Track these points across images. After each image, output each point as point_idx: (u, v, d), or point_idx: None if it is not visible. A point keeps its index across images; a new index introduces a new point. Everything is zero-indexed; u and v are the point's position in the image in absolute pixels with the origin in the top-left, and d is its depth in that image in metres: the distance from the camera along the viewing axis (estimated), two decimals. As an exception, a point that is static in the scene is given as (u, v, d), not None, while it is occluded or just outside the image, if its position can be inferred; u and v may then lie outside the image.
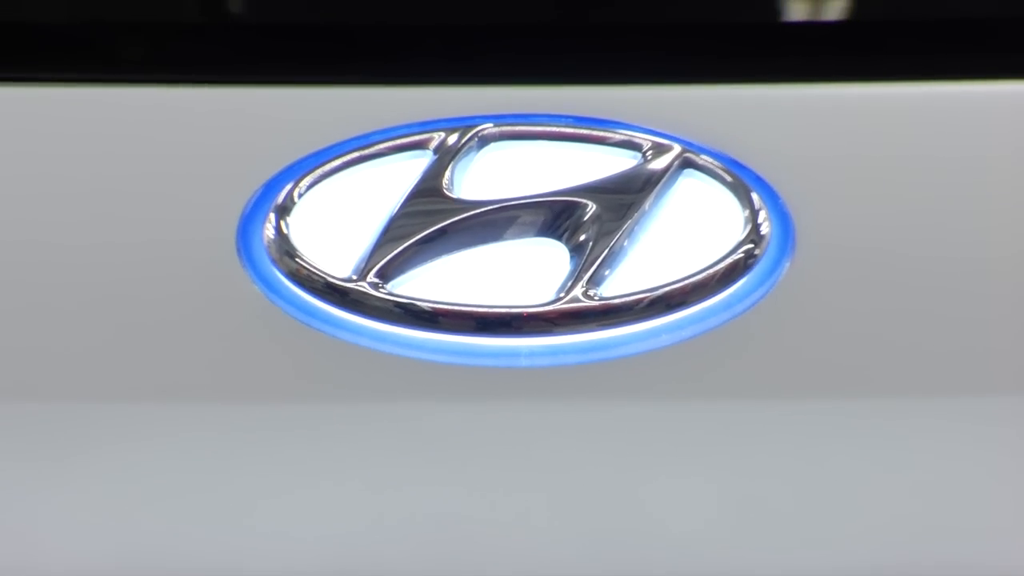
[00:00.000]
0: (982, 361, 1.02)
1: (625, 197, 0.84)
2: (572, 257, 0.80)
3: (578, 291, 0.77)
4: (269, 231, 0.82)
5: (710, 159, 0.84)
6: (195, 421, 0.82)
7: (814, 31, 1.28)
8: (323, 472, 0.81)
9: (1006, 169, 1.00)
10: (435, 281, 0.79)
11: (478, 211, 0.83)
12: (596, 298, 0.77)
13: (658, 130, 0.88)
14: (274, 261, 0.80)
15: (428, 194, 0.84)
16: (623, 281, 0.78)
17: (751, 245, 0.80)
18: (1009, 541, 0.96)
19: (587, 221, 0.83)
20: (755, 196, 0.83)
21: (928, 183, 0.93)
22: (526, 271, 0.80)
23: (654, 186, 0.83)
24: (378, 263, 0.79)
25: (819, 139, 0.93)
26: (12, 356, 0.89)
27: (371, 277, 0.79)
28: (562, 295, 0.77)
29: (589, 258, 0.80)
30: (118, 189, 0.93)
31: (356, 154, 0.85)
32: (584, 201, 0.83)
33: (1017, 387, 0.96)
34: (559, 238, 0.82)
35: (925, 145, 0.95)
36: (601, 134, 0.87)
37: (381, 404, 0.83)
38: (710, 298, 0.78)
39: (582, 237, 0.82)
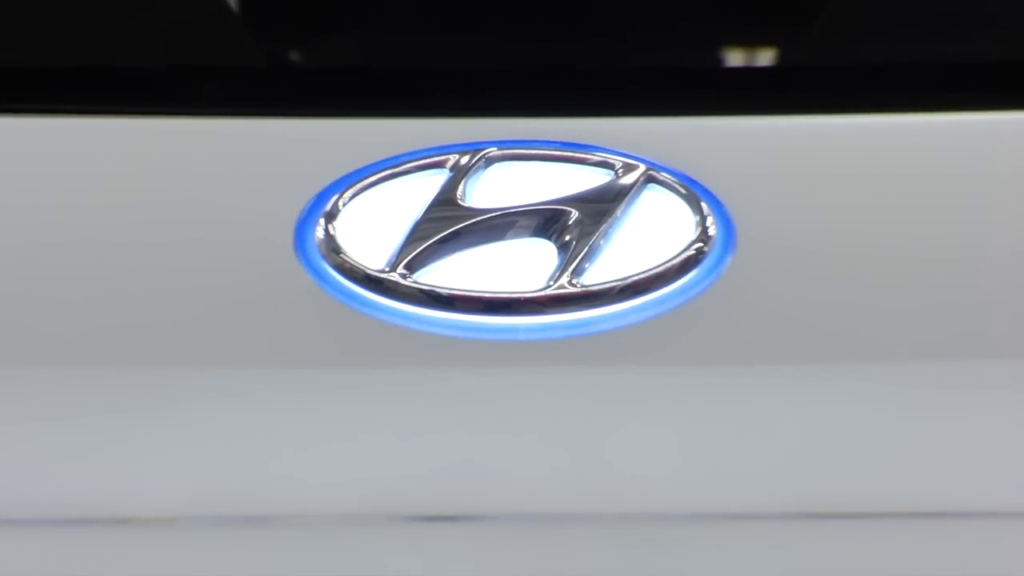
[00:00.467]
0: (889, 330, 1.05)
1: (601, 206, 0.96)
2: (559, 253, 0.94)
3: (564, 280, 0.91)
4: (319, 232, 0.96)
5: (669, 176, 0.97)
6: (261, 382, 0.99)
7: (757, 74, 1.36)
8: (361, 423, 0.98)
9: (919, 185, 1.10)
10: (451, 272, 0.93)
11: (484, 217, 0.96)
12: (578, 286, 0.91)
13: (627, 152, 1.00)
14: (323, 256, 0.95)
15: (445, 204, 0.97)
16: (600, 272, 0.92)
17: (701, 244, 0.94)
18: (916, 477, 1.04)
19: (571, 225, 0.96)
20: (704, 205, 0.96)
21: (848, 195, 1.07)
22: (523, 264, 0.94)
23: (624, 197, 0.97)
24: (406, 258, 0.93)
25: (759, 161, 1.06)
26: (126, 331, 1.03)
27: (400, 269, 0.93)
28: (551, 283, 0.91)
29: (572, 254, 0.93)
30: (203, 200, 1.08)
31: (387, 172, 0.99)
32: (568, 209, 0.96)
33: (912, 354, 1.04)
34: (549, 238, 0.95)
35: (846, 166, 1.09)
36: (582, 156, 1.00)
37: (408, 369, 0.98)
38: (668, 286, 0.92)
39: (567, 237, 0.95)
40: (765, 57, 1.34)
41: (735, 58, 1.38)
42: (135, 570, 1.24)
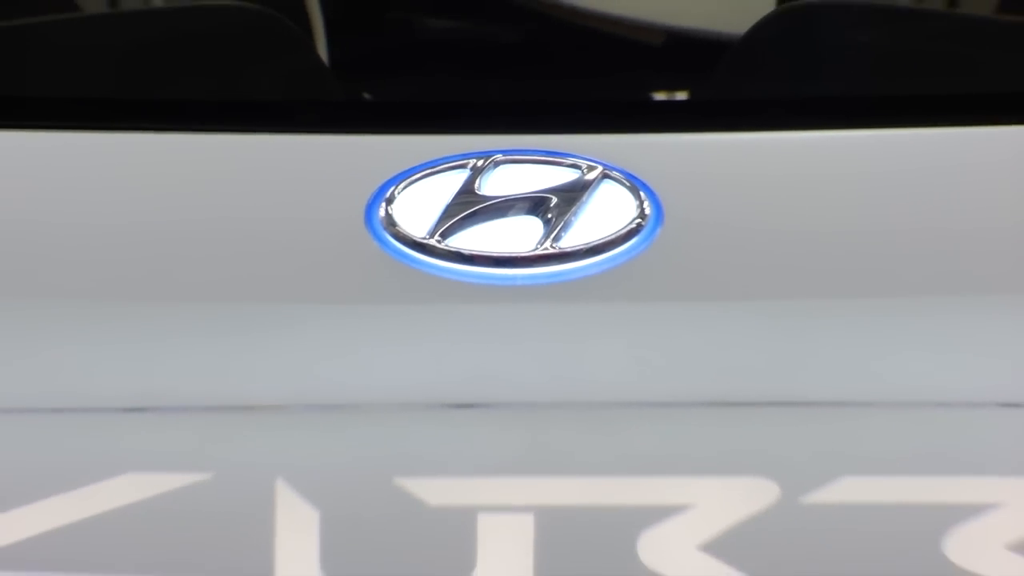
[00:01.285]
0: (786, 270, 1.37)
1: (572, 194, 1.26)
2: (544, 226, 1.23)
3: (547, 244, 1.21)
4: (381, 212, 1.25)
5: (618, 174, 1.27)
6: (342, 311, 1.30)
7: (677, 104, 1.70)
8: (408, 338, 1.28)
9: (811, 179, 1.38)
10: (471, 239, 1.24)
11: (493, 202, 1.25)
12: (557, 248, 1.22)
13: (590, 158, 1.31)
14: (384, 228, 1.24)
15: (466, 193, 1.26)
16: (571, 239, 1.23)
17: (639, 220, 1.23)
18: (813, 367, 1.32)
19: (551, 207, 1.26)
20: (642, 194, 1.26)
21: (744, 186, 1.39)
22: (519, 234, 1.25)
23: (587, 188, 1.25)
24: (440, 229, 1.23)
25: (680, 163, 1.38)
26: (250, 277, 1.34)
27: (436, 237, 1.22)
28: (539, 246, 1.21)
29: (552, 226, 1.23)
30: (303, 191, 1.40)
31: (428, 171, 1.29)
32: (550, 196, 1.26)
33: (803, 292, 1.34)
34: (537, 216, 1.25)
35: (745, 166, 1.41)
36: (559, 160, 1.31)
37: (441, 304, 1.27)
38: (618, 247, 1.23)
39: (548, 215, 1.24)
40: (682, 92, 1.73)
41: (663, 93, 1.72)
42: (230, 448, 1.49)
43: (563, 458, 1.26)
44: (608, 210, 1.27)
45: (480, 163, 1.29)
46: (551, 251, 1.24)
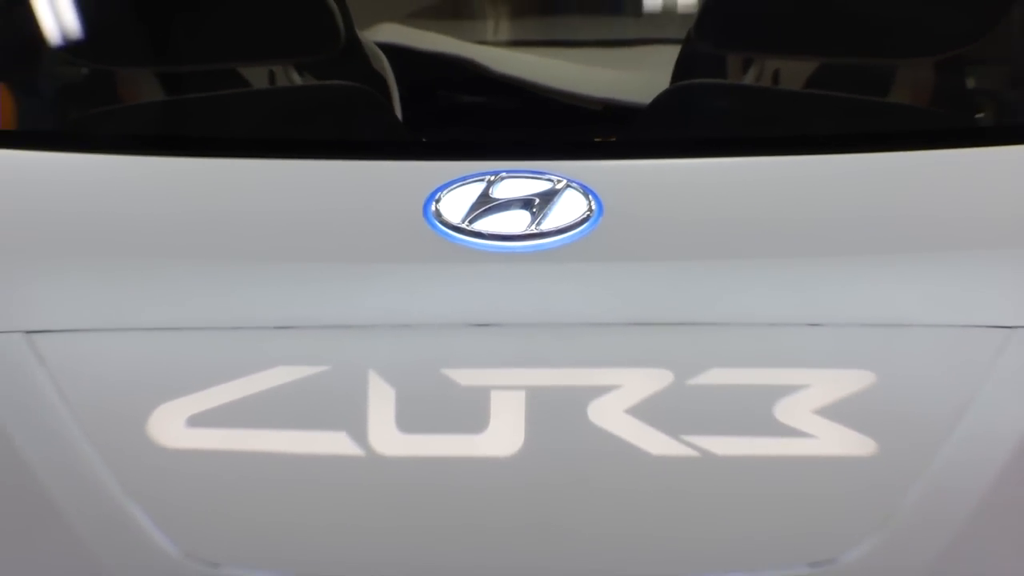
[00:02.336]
0: (707, 236, 1.78)
1: (547, 196, 1.70)
2: (531, 216, 1.68)
3: (532, 227, 1.67)
4: (432, 207, 1.70)
5: (576, 184, 1.72)
6: (407, 271, 1.73)
7: (617, 143, 2.15)
8: (448, 283, 1.72)
9: (723, 189, 1.78)
10: (488, 224, 1.69)
11: (499, 201, 1.70)
12: (538, 229, 1.68)
13: (557, 174, 1.74)
14: (433, 216, 1.69)
15: (484, 196, 1.70)
16: (548, 224, 1.69)
17: (589, 212, 1.69)
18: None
19: (536, 204, 1.71)
20: (590, 197, 1.72)
21: (662, 192, 1.79)
22: (516, 220, 1.70)
23: (556, 193, 1.70)
24: (469, 217, 1.67)
25: (614, 178, 1.78)
26: (337, 248, 1.74)
27: (466, 222, 1.68)
28: (528, 229, 1.67)
29: (536, 216, 1.68)
30: (388, 195, 1.78)
31: (460, 183, 1.72)
32: (534, 197, 1.71)
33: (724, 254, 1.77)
34: (526, 209, 1.71)
35: (661, 179, 1.81)
36: (539, 176, 1.73)
37: (469, 264, 1.71)
38: (575, 229, 1.69)
39: (533, 209, 1.70)
40: (612, 136, 2.19)
41: (600, 136, 2.22)
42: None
43: (543, 357, 1.74)
44: (569, 207, 1.74)
45: (492, 178, 1.75)
46: (535, 231, 1.73)
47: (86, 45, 2.24)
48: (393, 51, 2.61)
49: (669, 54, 2.38)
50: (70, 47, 2.24)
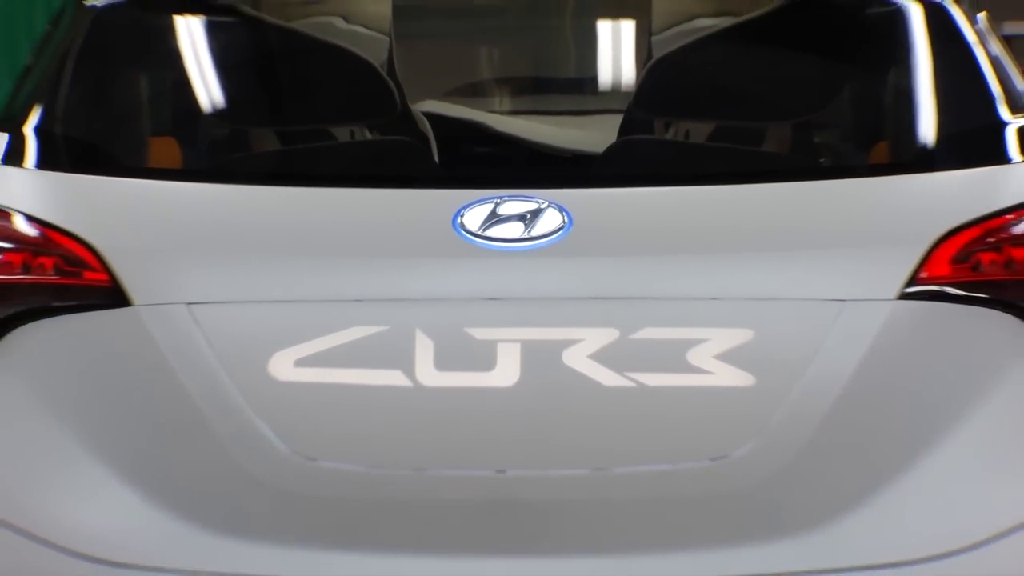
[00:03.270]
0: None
1: (535, 213, 1.85)
2: (524, 226, 1.83)
3: (525, 233, 1.82)
4: (459, 221, 1.84)
5: (554, 205, 1.86)
6: (441, 264, 1.86)
7: (580, 178, 2.26)
8: (469, 271, 1.87)
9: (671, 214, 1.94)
10: (496, 231, 1.84)
11: (503, 216, 1.84)
12: (529, 235, 1.84)
13: (543, 199, 1.89)
14: (460, 227, 1.84)
15: (493, 213, 1.84)
16: (536, 230, 1.84)
17: (562, 223, 1.84)
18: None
19: (528, 218, 1.85)
20: (564, 214, 1.85)
21: (613, 210, 1.94)
22: (514, 229, 1.86)
23: (541, 211, 1.85)
24: (484, 227, 1.83)
25: (582, 202, 1.92)
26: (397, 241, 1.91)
27: (481, 230, 1.83)
28: (524, 235, 1.83)
29: (528, 226, 1.83)
30: (428, 213, 1.92)
31: (477, 204, 1.86)
32: (527, 214, 1.84)
33: None
34: (521, 222, 1.86)
35: (612, 203, 1.97)
36: (530, 199, 1.88)
37: (484, 258, 1.85)
38: (555, 234, 1.84)
39: (525, 221, 1.85)
40: (578, 174, 2.41)
41: (567, 176, 2.40)
42: None
43: (531, 319, 1.86)
44: (550, 220, 1.89)
45: (498, 201, 1.89)
46: (526, 236, 1.87)
47: (226, 112, 2.42)
48: (432, 118, 2.69)
49: (616, 120, 2.53)
50: (216, 113, 2.42)
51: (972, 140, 2.07)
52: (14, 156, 2.06)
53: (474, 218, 1.92)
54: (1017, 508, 1.88)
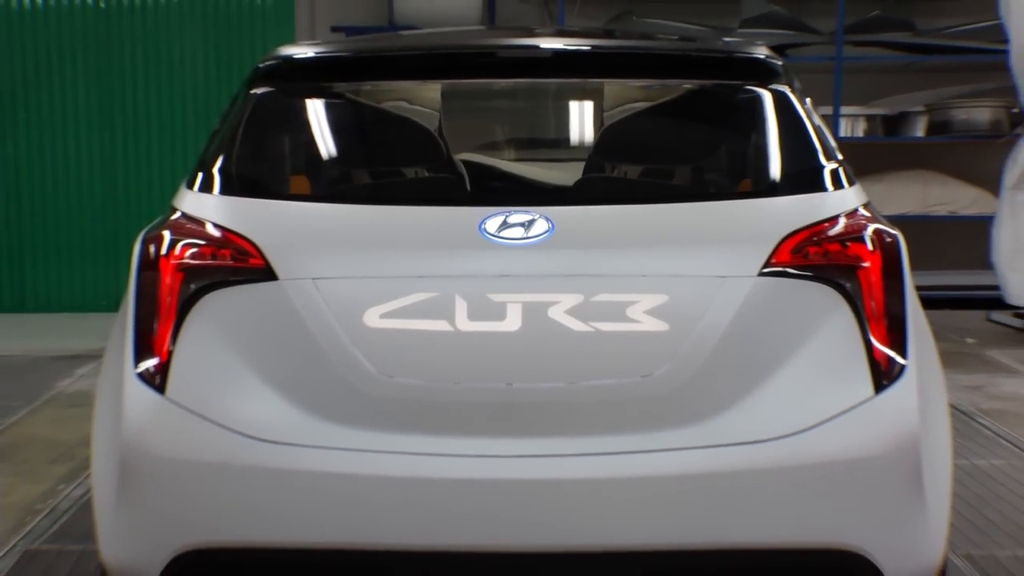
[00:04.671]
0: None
1: (531, 222, 2.03)
2: (524, 230, 2.02)
3: (526, 235, 2.02)
4: (484, 226, 2.04)
5: (543, 217, 2.04)
6: (470, 253, 2.04)
7: (559, 196, 2.49)
8: (488, 257, 2.03)
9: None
10: (507, 232, 2.03)
11: (511, 224, 2.03)
12: (527, 236, 2.03)
13: (536, 212, 2.04)
14: (484, 230, 2.04)
15: (503, 222, 2.03)
16: (531, 232, 2.05)
17: (548, 228, 2.04)
18: None
19: (527, 225, 2.04)
20: (548, 222, 2.05)
21: (580, 219, 2.08)
22: (518, 232, 2.04)
23: (534, 221, 2.03)
24: (499, 229, 2.03)
25: (562, 215, 2.06)
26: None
27: (498, 232, 2.03)
28: (523, 235, 2.02)
29: (527, 230, 2.03)
30: (461, 222, 2.09)
31: (493, 215, 2.02)
32: (525, 223, 2.02)
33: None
34: (522, 227, 2.03)
35: (582, 218, 2.09)
36: (527, 212, 2.03)
37: (499, 249, 2.02)
38: (544, 234, 2.04)
39: (525, 227, 2.04)
40: (562, 197, 2.50)
41: (550, 198, 2.49)
42: None
43: (528, 288, 2.00)
44: (540, 226, 2.04)
45: (508, 214, 2.05)
46: (525, 236, 2.03)
47: (337, 159, 2.57)
48: (466, 163, 2.81)
49: (581, 164, 2.71)
50: (331, 159, 2.57)
51: (803, 176, 2.20)
52: (206, 186, 2.23)
53: (492, 225, 2.08)
54: (832, 405, 1.99)
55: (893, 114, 6.94)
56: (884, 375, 1.95)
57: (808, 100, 2.27)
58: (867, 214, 2.07)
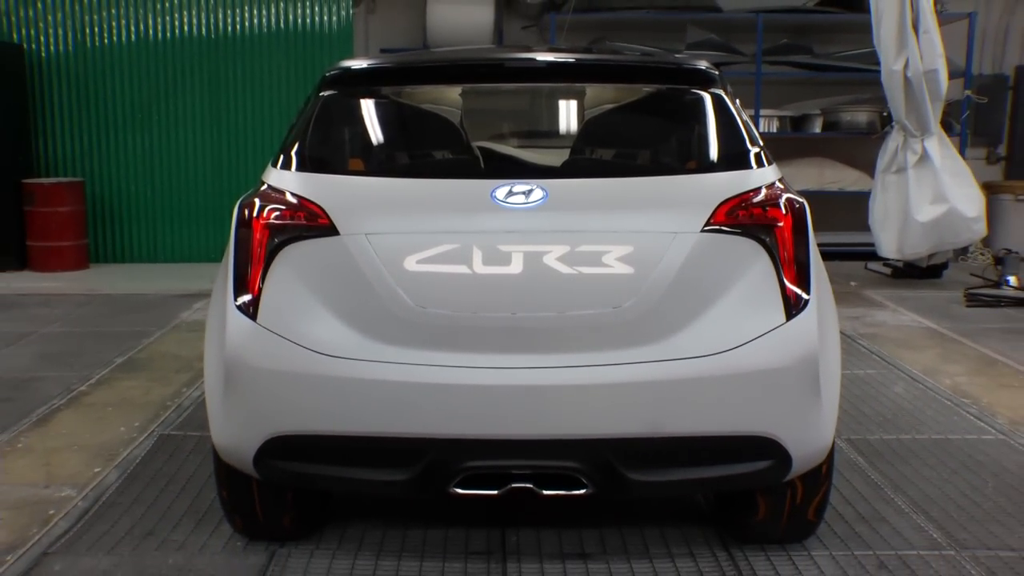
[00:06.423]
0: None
1: (530, 192, 1.94)
2: (524, 197, 1.93)
3: (526, 201, 1.92)
4: (495, 194, 1.93)
5: (539, 187, 1.93)
6: (484, 216, 1.93)
7: (551, 172, 2.25)
8: (496, 218, 1.92)
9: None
10: (512, 199, 1.94)
11: (515, 192, 1.94)
12: (527, 201, 1.93)
13: (534, 183, 1.93)
14: (495, 197, 1.92)
15: (509, 191, 1.92)
16: (530, 199, 1.94)
17: (543, 194, 1.94)
18: None
19: (528, 194, 1.94)
20: (542, 190, 1.94)
21: (570, 190, 1.97)
22: (520, 199, 1.95)
23: (532, 190, 1.93)
24: (506, 197, 1.92)
25: (555, 185, 1.95)
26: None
27: (505, 198, 1.91)
28: (523, 202, 1.92)
29: (527, 197, 1.93)
30: (475, 191, 1.97)
31: (500, 185, 1.92)
32: (525, 192, 1.93)
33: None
34: (523, 195, 1.93)
35: (572, 188, 1.98)
36: (530, 183, 1.93)
37: (506, 211, 1.93)
38: (539, 199, 1.94)
39: (526, 195, 1.94)
40: (554, 173, 2.28)
41: (547, 171, 2.34)
42: None
43: (528, 240, 1.91)
44: (537, 194, 1.95)
45: (512, 186, 1.97)
46: (526, 202, 1.95)
47: (384, 144, 2.43)
48: (482, 149, 2.66)
49: (567, 149, 2.59)
50: (380, 144, 2.42)
51: (734, 157, 2.11)
52: (286, 165, 2.13)
53: (501, 193, 1.99)
54: (755, 329, 1.94)
55: (798, 116, 7.06)
56: (793, 307, 1.90)
57: (738, 101, 2.21)
58: (781, 187, 2.01)
